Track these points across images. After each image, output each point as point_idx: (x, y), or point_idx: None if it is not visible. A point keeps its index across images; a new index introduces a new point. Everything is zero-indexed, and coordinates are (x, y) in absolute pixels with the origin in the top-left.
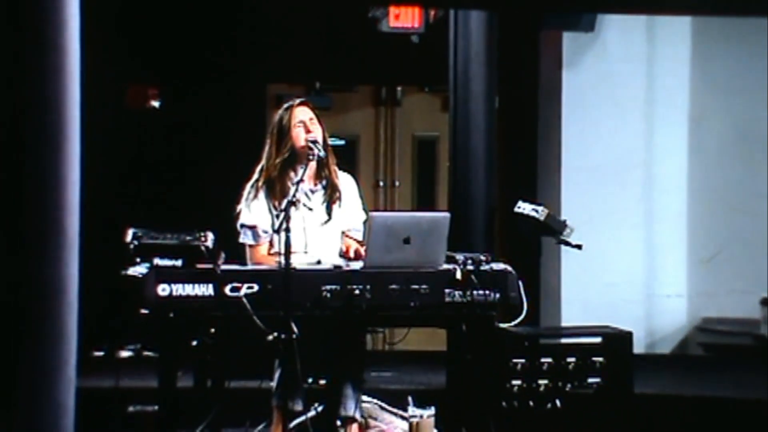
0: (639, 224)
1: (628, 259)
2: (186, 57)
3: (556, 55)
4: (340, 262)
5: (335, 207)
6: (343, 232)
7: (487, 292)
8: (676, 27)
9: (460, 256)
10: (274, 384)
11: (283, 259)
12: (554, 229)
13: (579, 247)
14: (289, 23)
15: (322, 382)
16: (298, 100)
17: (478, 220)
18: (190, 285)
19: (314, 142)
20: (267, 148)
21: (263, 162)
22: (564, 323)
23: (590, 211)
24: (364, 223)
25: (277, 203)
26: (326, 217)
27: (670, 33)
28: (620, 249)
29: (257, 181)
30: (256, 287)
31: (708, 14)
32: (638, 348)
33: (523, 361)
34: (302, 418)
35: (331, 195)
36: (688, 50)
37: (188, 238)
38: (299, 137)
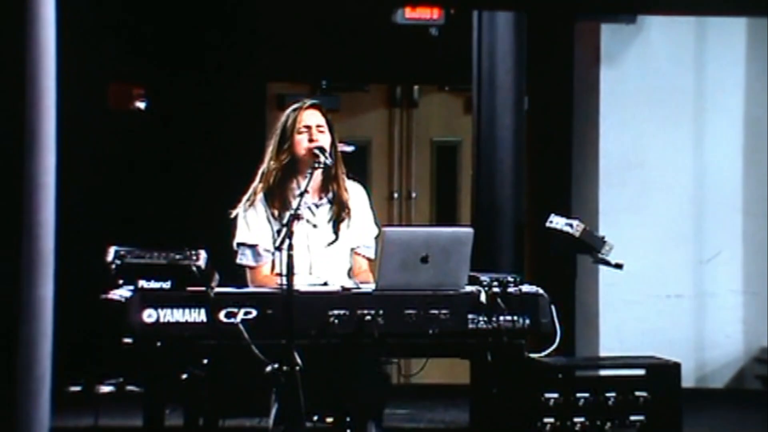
0: (688, 240)
1: (676, 281)
2: (175, 52)
3: (594, 49)
4: (350, 283)
5: (343, 225)
6: (352, 250)
7: (516, 317)
8: (728, 19)
9: (484, 277)
10: (270, 422)
11: (284, 281)
12: (591, 246)
13: (619, 266)
14: (292, 13)
15: (330, 420)
16: (309, 102)
17: (505, 236)
18: (180, 310)
19: (320, 149)
20: (268, 150)
21: (264, 166)
22: (603, 353)
23: (632, 226)
24: (376, 238)
25: (276, 214)
26: (333, 237)
27: (723, 26)
28: (667, 269)
29: (255, 187)
30: (254, 312)
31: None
32: (687, 381)
33: (556, 396)
34: None
35: (339, 212)
36: (743, 46)
37: (178, 257)
38: (301, 144)
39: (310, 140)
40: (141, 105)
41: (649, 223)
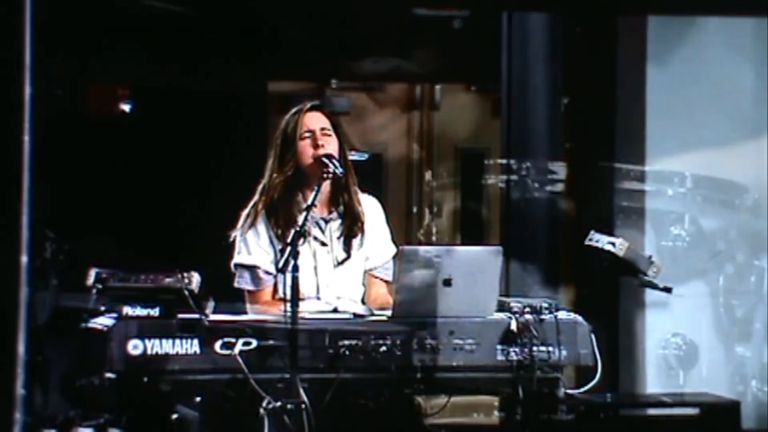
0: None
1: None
2: (165, 48)
3: (640, 44)
4: (362, 310)
5: (355, 242)
6: (367, 272)
7: (551, 348)
8: None
9: (515, 303)
10: None
11: (289, 307)
12: (636, 267)
13: (668, 290)
14: (296, 4)
15: None
16: (309, 104)
17: (539, 255)
18: (170, 340)
19: (327, 156)
20: (269, 162)
21: (265, 180)
22: (650, 389)
23: (683, 246)
24: (394, 258)
25: (280, 232)
26: (344, 255)
27: None
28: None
29: (256, 204)
30: (254, 343)
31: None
32: (747, 422)
33: None
34: None
35: (351, 226)
36: None
37: (167, 280)
38: (305, 152)
39: (315, 146)
40: (125, 108)
41: (702, 242)
